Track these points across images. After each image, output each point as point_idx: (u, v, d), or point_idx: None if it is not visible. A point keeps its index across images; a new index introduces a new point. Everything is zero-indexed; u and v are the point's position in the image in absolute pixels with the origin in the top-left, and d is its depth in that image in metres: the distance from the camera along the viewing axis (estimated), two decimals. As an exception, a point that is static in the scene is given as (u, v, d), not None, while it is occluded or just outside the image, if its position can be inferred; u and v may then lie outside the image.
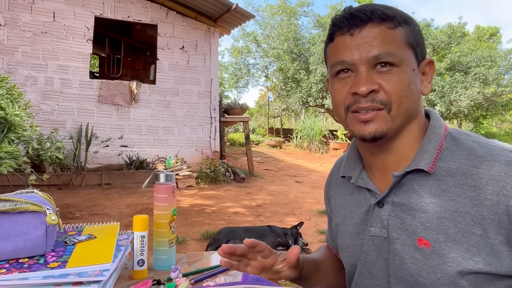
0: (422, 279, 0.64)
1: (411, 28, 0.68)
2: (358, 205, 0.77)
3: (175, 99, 7.33)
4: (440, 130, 0.69)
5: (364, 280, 0.74)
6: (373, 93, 0.65)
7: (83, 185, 6.04)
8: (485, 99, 12.74)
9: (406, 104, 0.66)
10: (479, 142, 0.66)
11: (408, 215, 0.67)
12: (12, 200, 0.74)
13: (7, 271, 0.68)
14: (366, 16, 0.65)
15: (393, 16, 0.66)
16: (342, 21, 0.68)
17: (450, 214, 0.62)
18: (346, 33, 0.67)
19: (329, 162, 10.62)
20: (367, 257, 0.73)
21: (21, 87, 5.72)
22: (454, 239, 0.61)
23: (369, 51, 0.65)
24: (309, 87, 14.16)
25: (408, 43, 0.67)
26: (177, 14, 7.36)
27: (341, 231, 0.82)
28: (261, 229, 3.39)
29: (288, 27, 16.11)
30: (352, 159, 0.80)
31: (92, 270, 0.69)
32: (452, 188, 0.63)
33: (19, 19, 6.28)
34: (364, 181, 0.75)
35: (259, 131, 18.31)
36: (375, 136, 0.67)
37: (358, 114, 0.67)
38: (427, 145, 0.68)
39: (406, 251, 0.66)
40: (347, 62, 0.67)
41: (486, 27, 20.82)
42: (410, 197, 0.67)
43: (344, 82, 0.68)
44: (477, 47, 15.25)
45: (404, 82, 0.65)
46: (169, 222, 0.89)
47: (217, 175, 6.88)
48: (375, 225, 0.71)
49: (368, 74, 0.65)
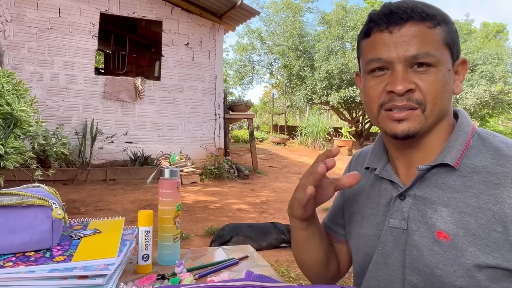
0: (439, 271, 0.64)
1: (449, 27, 0.67)
2: (378, 196, 0.77)
3: (180, 96, 7.34)
4: (468, 128, 0.70)
5: (378, 270, 0.75)
6: (409, 92, 0.65)
7: (88, 180, 6.08)
8: (492, 97, 12.63)
9: (440, 104, 0.66)
10: (506, 143, 0.67)
11: (430, 208, 0.67)
12: (18, 194, 0.75)
13: (14, 264, 0.68)
14: (406, 14, 0.65)
15: (433, 15, 0.65)
16: (381, 17, 0.67)
17: (472, 210, 0.63)
18: (385, 30, 0.66)
19: (333, 160, 10.59)
20: (384, 247, 0.74)
21: (27, 83, 5.76)
22: (474, 234, 0.62)
23: (408, 50, 0.64)
24: (313, 84, 14.12)
25: (446, 43, 0.66)
26: (182, 10, 7.36)
27: (356, 219, 0.82)
28: (265, 225, 3.40)
29: (293, 24, 16.05)
30: (377, 151, 0.81)
31: (98, 264, 0.70)
32: (476, 185, 0.64)
33: (25, 15, 6.31)
34: (388, 173, 0.76)
35: (263, 128, 18.30)
36: (408, 135, 0.67)
37: (391, 112, 0.67)
38: (454, 141, 0.69)
39: (424, 243, 0.66)
40: (384, 59, 0.66)
41: (492, 23, 20.61)
42: (433, 192, 0.68)
43: (379, 80, 0.68)
44: (484, 44, 15.11)
45: (440, 82, 0.65)
46: (174, 217, 0.89)
47: (221, 172, 6.89)
48: (395, 217, 0.72)
49: (405, 73, 0.65)
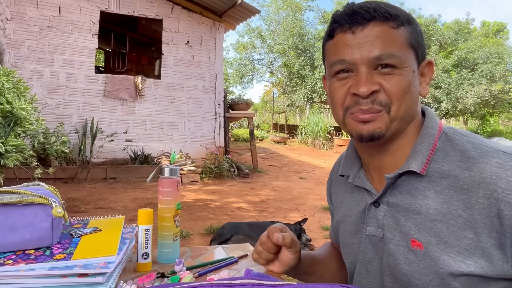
0: (415, 280, 0.64)
1: (413, 28, 0.66)
2: (356, 203, 0.77)
3: (180, 94, 7.34)
4: (434, 130, 0.68)
5: (361, 279, 0.75)
6: (374, 94, 0.64)
7: (88, 179, 6.09)
8: (492, 96, 12.63)
9: (405, 105, 0.65)
10: (473, 143, 0.65)
11: (403, 216, 0.66)
12: (18, 192, 0.75)
13: (14, 262, 0.69)
14: (369, 14, 0.63)
15: (396, 15, 0.64)
16: (343, 18, 0.65)
17: (443, 217, 0.62)
18: (348, 31, 0.65)
19: (334, 159, 10.57)
20: (365, 255, 0.74)
21: (27, 81, 5.75)
22: (446, 242, 0.61)
23: (371, 51, 0.63)
24: (314, 83, 14.11)
25: (410, 44, 0.65)
26: (182, 9, 7.35)
27: (341, 228, 0.82)
28: (264, 224, 3.40)
29: (293, 23, 16.03)
30: (350, 158, 0.79)
31: (97, 262, 0.70)
32: (445, 190, 0.63)
33: (25, 13, 6.30)
34: (361, 181, 0.75)
35: (263, 127, 18.30)
36: (373, 136, 0.66)
37: (357, 114, 0.66)
38: (419, 146, 0.67)
39: (400, 252, 0.66)
40: (347, 61, 0.65)
41: (492, 22, 20.57)
42: (405, 198, 0.67)
43: (343, 82, 0.67)
44: (484, 43, 15.08)
45: (404, 83, 0.64)
46: (174, 216, 0.90)
47: (221, 171, 6.89)
48: (371, 225, 0.72)
49: (369, 74, 0.64)
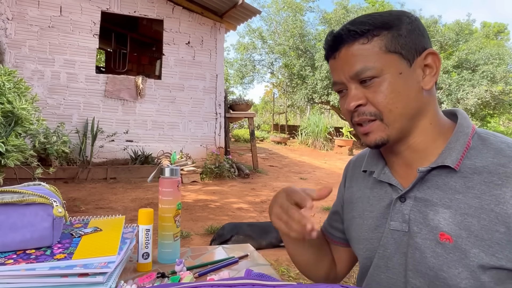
0: (443, 273, 0.64)
1: (392, 33, 0.67)
2: (378, 199, 0.78)
3: (181, 95, 7.34)
4: (468, 129, 0.70)
5: (380, 273, 0.75)
6: (361, 107, 0.70)
7: (89, 179, 6.09)
8: (493, 97, 12.62)
9: (397, 108, 0.68)
10: (508, 143, 0.67)
11: (431, 210, 0.67)
12: (19, 192, 0.75)
13: (15, 262, 0.69)
14: (341, 38, 0.70)
15: (366, 30, 0.67)
16: (326, 45, 0.73)
17: (474, 211, 0.63)
18: (331, 57, 0.73)
19: (334, 159, 10.60)
20: (385, 250, 0.74)
21: (28, 81, 5.77)
22: (477, 235, 0.62)
23: (349, 70, 0.69)
24: (314, 84, 14.12)
25: (388, 50, 0.67)
26: (183, 9, 7.35)
27: (357, 223, 0.82)
28: (265, 224, 3.40)
29: (293, 23, 16.04)
30: (374, 154, 0.81)
31: (98, 262, 0.70)
32: (477, 185, 0.64)
33: (26, 13, 6.31)
34: (387, 176, 0.76)
35: (264, 128, 18.30)
36: (377, 145, 0.71)
37: (359, 127, 0.72)
38: (454, 143, 0.69)
39: (427, 245, 0.67)
40: (338, 82, 0.73)
41: (492, 23, 20.56)
42: (434, 193, 0.68)
43: (343, 100, 0.74)
44: (485, 44, 15.08)
45: (387, 89, 0.67)
46: (174, 216, 0.90)
47: (221, 171, 6.89)
48: (396, 219, 0.72)
49: (356, 90, 0.70)
